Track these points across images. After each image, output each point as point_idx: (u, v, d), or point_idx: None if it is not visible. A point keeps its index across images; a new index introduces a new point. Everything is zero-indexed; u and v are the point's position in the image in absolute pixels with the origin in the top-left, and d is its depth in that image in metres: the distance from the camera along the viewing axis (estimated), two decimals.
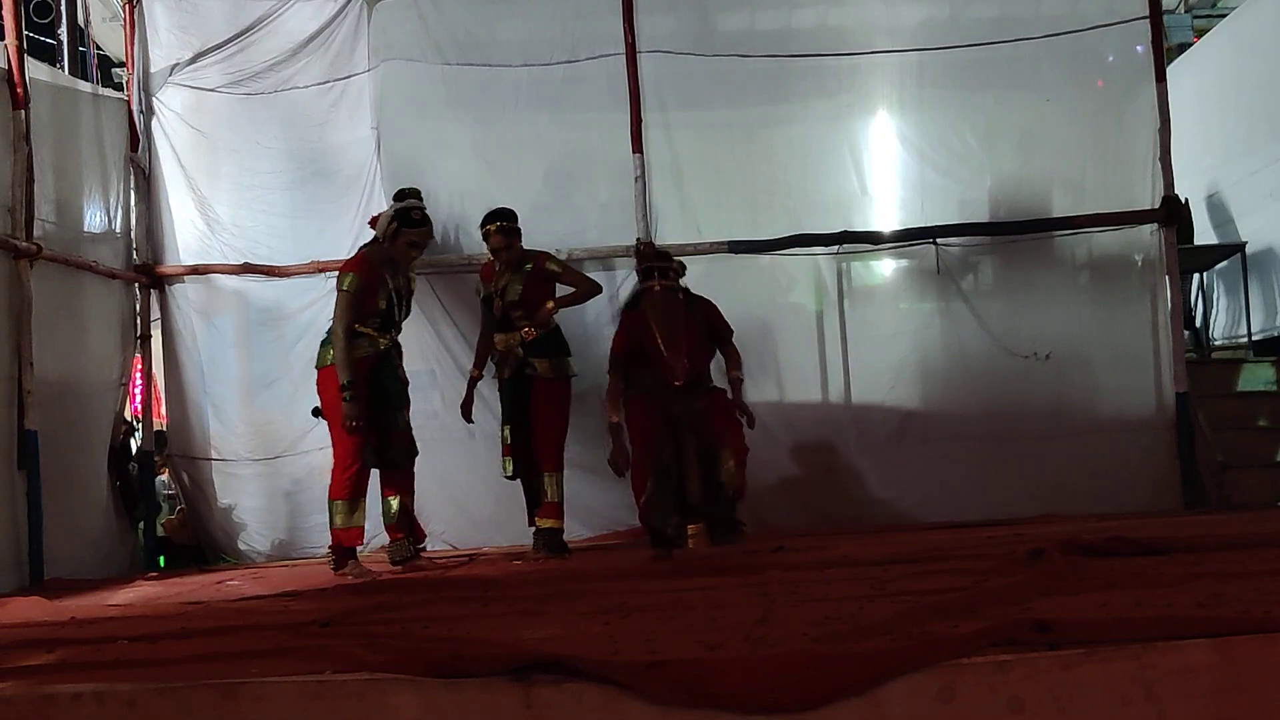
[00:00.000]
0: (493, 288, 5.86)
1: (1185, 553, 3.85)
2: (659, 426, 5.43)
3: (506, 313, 5.81)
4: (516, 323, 5.78)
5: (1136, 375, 6.60)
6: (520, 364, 5.79)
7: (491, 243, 5.84)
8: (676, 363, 5.41)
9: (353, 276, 5.48)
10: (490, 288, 5.89)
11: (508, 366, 5.84)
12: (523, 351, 5.77)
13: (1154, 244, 6.60)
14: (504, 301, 5.80)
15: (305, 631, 3.19)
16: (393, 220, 5.57)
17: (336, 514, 5.48)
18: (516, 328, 5.78)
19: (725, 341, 5.75)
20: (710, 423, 5.46)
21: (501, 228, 5.81)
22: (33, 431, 5.60)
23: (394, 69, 6.90)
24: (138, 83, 6.99)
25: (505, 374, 5.86)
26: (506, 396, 5.87)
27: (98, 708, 2.48)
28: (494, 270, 5.91)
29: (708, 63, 6.80)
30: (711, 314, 5.76)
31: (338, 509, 5.47)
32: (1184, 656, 2.35)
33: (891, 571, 3.89)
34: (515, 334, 5.78)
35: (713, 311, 5.77)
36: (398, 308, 5.64)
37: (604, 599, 3.64)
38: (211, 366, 6.98)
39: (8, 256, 5.62)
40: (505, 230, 5.81)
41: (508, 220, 5.84)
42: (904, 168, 6.91)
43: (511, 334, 5.79)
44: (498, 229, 5.81)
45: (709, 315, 5.74)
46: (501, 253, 5.82)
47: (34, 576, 5.50)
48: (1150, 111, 6.57)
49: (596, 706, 2.36)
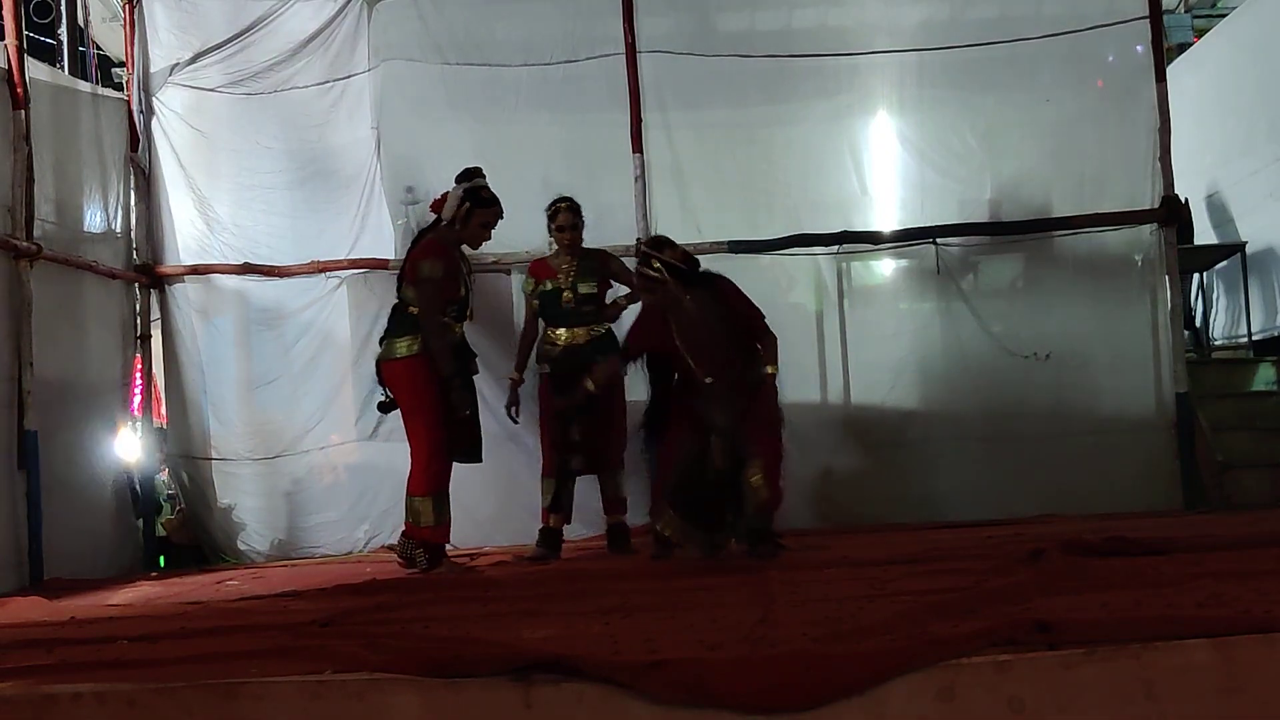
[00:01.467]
0: (564, 281, 5.70)
1: (1185, 553, 3.85)
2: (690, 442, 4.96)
3: (579, 307, 5.67)
4: (585, 317, 5.68)
5: (1136, 375, 6.60)
6: (585, 360, 5.52)
7: (560, 220, 5.74)
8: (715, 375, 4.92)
9: (434, 262, 5.13)
10: (559, 281, 5.71)
11: (570, 362, 5.60)
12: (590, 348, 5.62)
13: (1154, 244, 6.60)
14: (576, 295, 5.67)
15: (305, 631, 3.19)
16: (464, 201, 5.23)
17: (424, 511, 5.14)
18: (585, 322, 5.68)
19: (759, 332, 5.03)
20: (744, 430, 4.89)
21: (571, 205, 5.74)
22: (33, 431, 5.60)
23: (394, 69, 6.90)
24: (138, 83, 6.98)
25: (564, 369, 5.60)
26: (563, 391, 5.52)
27: (98, 708, 2.49)
28: (550, 266, 5.79)
29: (708, 63, 6.80)
30: (737, 303, 5.07)
31: (425, 506, 5.15)
32: (1184, 656, 2.35)
33: (891, 571, 3.89)
34: (584, 329, 5.67)
35: (737, 299, 5.09)
36: (470, 294, 5.39)
37: (604, 599, 3.64)
38: (211, 366, 6.98)
39: (8, 256, 5.61)
40: (574, 209, 5.74)
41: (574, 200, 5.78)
42: (904, 168, 6.91)
43: (579, 329, 5.67)
44: (567, 206, 5.74)
45: (734, 306, 5.06)
46: (567, 232, 5.71)
47: (34, 576, 5.50)
48: (1150, 111, 6.57)
49: (596, 706, 2.36)
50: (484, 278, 6.81)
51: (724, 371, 4.93)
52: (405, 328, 5.19)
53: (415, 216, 6.88)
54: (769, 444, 4.95)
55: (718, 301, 5.02)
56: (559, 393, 5.56)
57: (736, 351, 5.00)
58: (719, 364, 4.95)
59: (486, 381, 6.76)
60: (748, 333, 5.02)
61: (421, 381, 5.14)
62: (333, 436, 6.86)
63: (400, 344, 5.17)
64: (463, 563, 5.51)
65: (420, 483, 5.18)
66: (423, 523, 5.17)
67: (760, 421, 4.93)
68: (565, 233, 5.73)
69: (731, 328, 4.98)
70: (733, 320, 4.99)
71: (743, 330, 5.01)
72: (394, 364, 5.19)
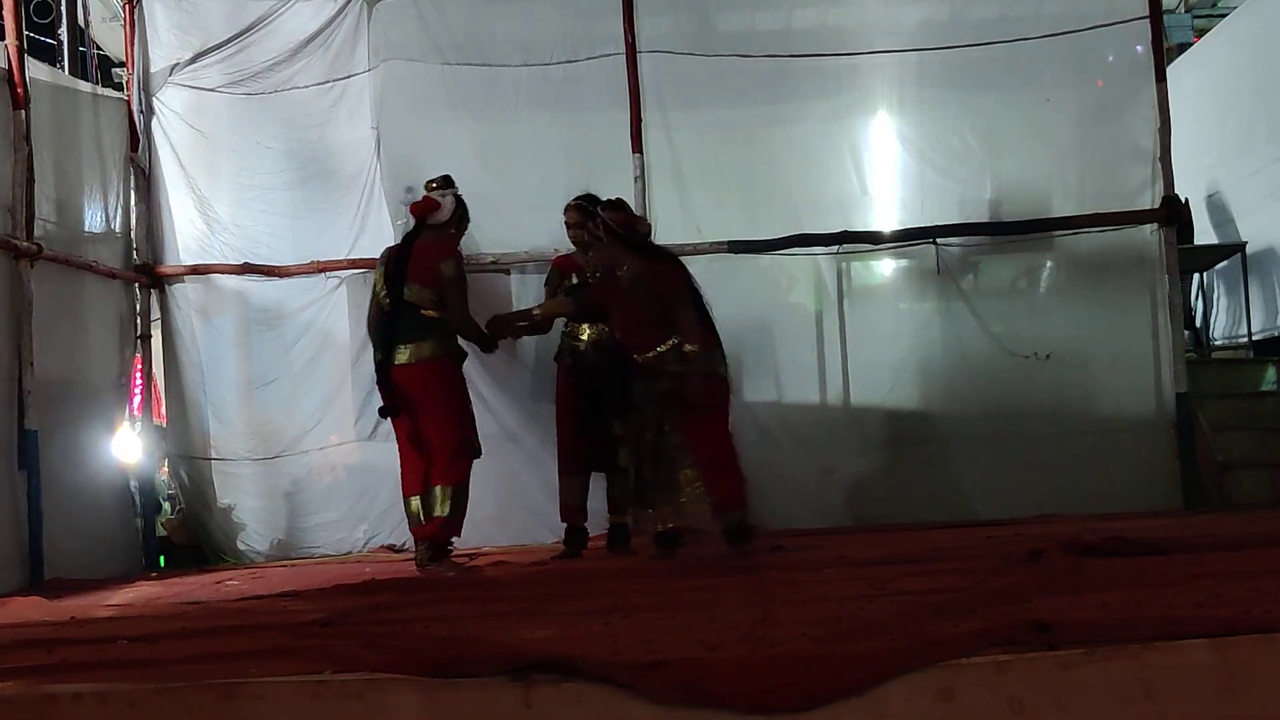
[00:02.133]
0: (591, 278, 5.61)
1: (1185, 553, 3.85)
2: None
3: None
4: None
5: (1136, 375, 6.60)
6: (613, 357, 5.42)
7: (565, 218, 5.78)
8: (631, 347, 5.09)
9: (456, 262, 5.32)
10: (587, 278, 5.64)
11: (598, 358, 5.58)
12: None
13: (1154, 244, 6.60)
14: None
15: (305, 631, 3.19)
16: (457, 204, 5.47)
17: (441, 500, 5.21)
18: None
19: (676, 316, 4.98)
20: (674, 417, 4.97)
21: (579, 204, 5.74)
22: (33, 431, 5.60)
23: (394, 69, 6.89)
24: (138, 83, 6.98)
25: (590, 365, 5.60)
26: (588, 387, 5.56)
27: (98, 708, 2.49)
28: (577, 261, 5.76)
29: (708, 63, 6.80)
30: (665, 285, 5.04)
31: (444, 495, 5.22)
32: (1184, 656, 2.35)
33: (891, 571, 3.89)
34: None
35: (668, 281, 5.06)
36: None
37: (604, 599, 3.64)
38: (211, 366, 6.98)
39: (8, 256, 5.61)
40: (581, 208, 5.72)
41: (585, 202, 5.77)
42: (904, 168, 6.91)
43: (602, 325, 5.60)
44: (575, 205, 5.75)
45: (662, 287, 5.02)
46: (571, 230, 5.74)
47: (34, 576, 5.50)
48: (1150, 111, 6.57)
49: (596, 706, 2.36)
50: (484, 278, 6.81)
51: (639, 345, 5.02)
52: (425, 330, 5.26)
53: None
54: (706, 437, 4.96)
55: (649, 279, 5.04)
56: (584, 388, 5.56)
57: (656, 330, 4.98)
58: (635, 337, 5.05)
59: (485, 382, 6.79)
60: (666, 316, 4.97)
61: (450, 380, 5.32)
62: (332, 437, 6.86)
63: (425, 346, 5.25)
64: (462, 562, 5.51)
65: (448, 474, 5.25)
66: (436, 513, 5.22)
67: (695, 412, 4.92)
68: (570, 230, 5.77)
69: (651, 307, 4.99)
70: (654, 300, 4.99)
71: (661, 313, 4.97)
72: (418, 366, 5.24)
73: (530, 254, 6.80)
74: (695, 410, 4.93)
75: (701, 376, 4.94)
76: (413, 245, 5.38)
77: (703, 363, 4.97)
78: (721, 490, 4.96)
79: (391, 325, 5.28)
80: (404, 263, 5.33)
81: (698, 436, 4.97)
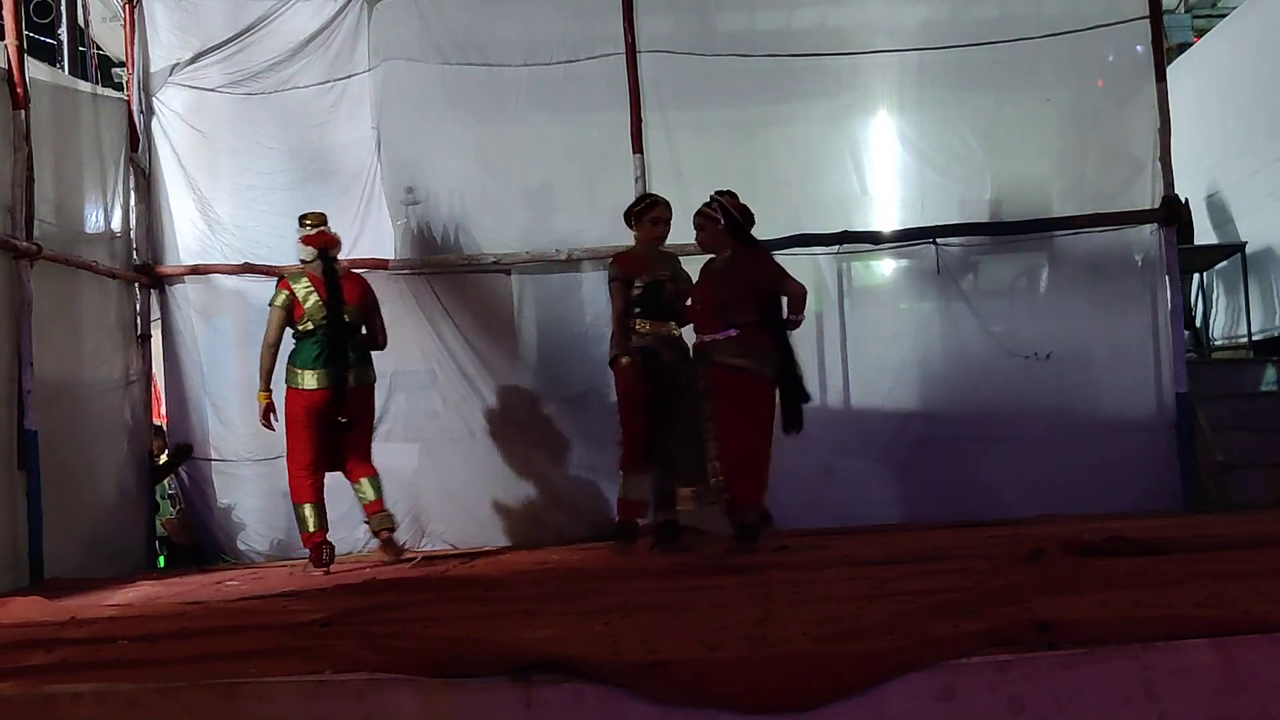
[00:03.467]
0: (665, 273, 5.58)
1: (1185, 553, 3.85)
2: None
3: (679, 300, 5.58)
4: (677, 313, 5.59)
5: (1136, 375, 6.59)
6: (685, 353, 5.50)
7: (657, 212, 5.64)
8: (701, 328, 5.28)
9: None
10: (661, 273, 5.56)
11: (665, 350, 5.52)
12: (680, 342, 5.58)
13: (1154, 244, 6.60)
14: (677, 288, 5.58)
15: (305, 631, 3.19)
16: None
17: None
18: (676, 318, 5.59)
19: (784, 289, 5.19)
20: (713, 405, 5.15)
21: (667, 202, 5.68)
22: (33, 431, 5.60)
23: (394, 69, 6.89)
24: (138, 83, 6.98)
25: (659, 360, 5.49)
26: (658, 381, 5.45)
27: (98, 708, 2.49)
28: (641, 259, 5.62)
29: (708, 63, 6.80)
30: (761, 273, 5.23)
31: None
32: (1184, 656, 2.35)
33: (891, 571, 3.89)
34: (675, 324, 5.60)
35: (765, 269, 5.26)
36: None
37: (604, 599, 3.64)
38: (211, 366, 6.98)
39: (8, 256, 5.61)
40: (669, 205, 5.68)
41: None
42: (904, 168, 6.91)
43: (675, 322, 5.59)
44: (667, 202, 5.68)
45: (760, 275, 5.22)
46: (662, 226, 5.63)
47: (34, 576, 5.50)
48: (1150, 111, 6.57)
49: (596, 706, 2.36)
50: (484, 278, 6.83)
51: (705, 327, 5.19)
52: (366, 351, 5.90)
53: (415, 216, 6.88)
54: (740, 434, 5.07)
55: (746, 268, 5.19)
56: (654, 384, 5.42)
57: (722, 316, 5.13)
58: (704, 318, 5.22)
59: (485, 382, 6.79)
60: (758, 302, 5.11)
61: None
62: None
63: (371, 369, 5.91)
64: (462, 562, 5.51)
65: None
66: (306, 529, 5.84)
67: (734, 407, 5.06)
68: (660, 226, 5.63)
69: (740, 296, 5.10)
70: (747, 287, 5.12)
71: (753, 300, 5.10)
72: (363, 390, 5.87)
73: (530, 254, 6.80)
74: (734, 405, 5.05)
75: (749, 374, 5.06)
76: (334, 272, 5.83)
77: (754, 361, 5.06)
78: (738, 490, 5.08)
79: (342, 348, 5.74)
80: (341, 287, 5.78)
81: (731, 431, 5.08)
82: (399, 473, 6.70)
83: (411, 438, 6.84)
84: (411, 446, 6.84)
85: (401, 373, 6.85)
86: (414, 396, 6.87)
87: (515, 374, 6.86)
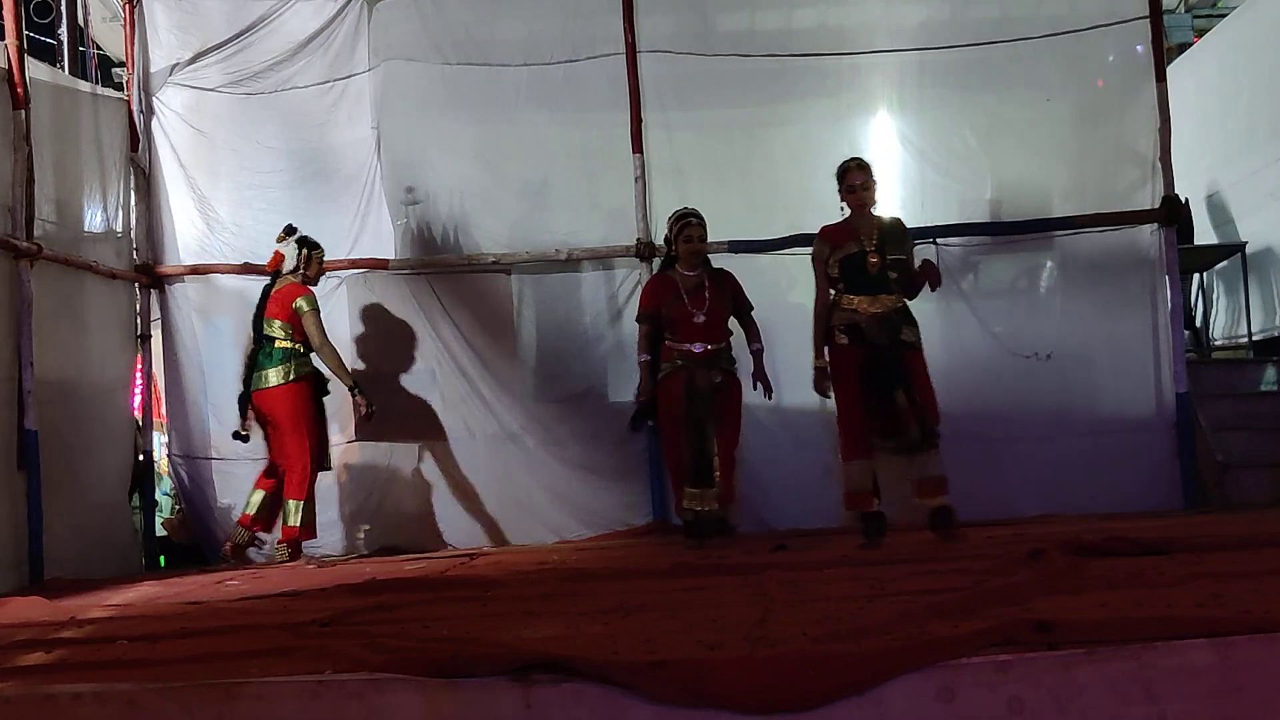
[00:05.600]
0: (870, 244, 5.27)
1: (1185, 553, 3.85)
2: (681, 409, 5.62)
3: (885, 272, 5.26)
4: (890, 285, 5.29)
5: (1136, 375, 6.59)
6: (895, 327, 5.23)
7: (850, 179, 5.38)
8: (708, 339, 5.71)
9: (312, 298, 6.24)
10: (866, 244, 5.28)
11: (875, 328, 5.21)
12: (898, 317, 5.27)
13: (1154, 244, 6.60)
14: (884, 261, 5.25)
15: (305, 631, 3.19)
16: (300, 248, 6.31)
17: (294, 511, 6.09)
18: (890, 290, 5.29)
19: (745, 313, 5.91)
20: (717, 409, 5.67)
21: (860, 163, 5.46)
22: (33, 431, 5.60)
23: (394, 69, 6.90)
24: (138, 83, 6.98)
25: (870, 339, 5.22)
26: (873, 363, 5.22)
27: (98, 708, 2.48)
28: (848, 229, 5.37)
29: (708, 63, 6.80)
30: (735, 285, 5.92)
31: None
32: (1184, 656, 2.35)
33: (891, 571, 3.89)
34: (891, 297, 5.27)
35: (736, 283, 5.93)
36: None
37: (604, 599, 3.64)
38: (211, 366, 6.98)
39: (8, 256, 5.61)
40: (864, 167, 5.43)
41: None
42: (904, 168, 6.90)
43: (886, 296, 5.26)
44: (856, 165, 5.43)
45: (734, 286, 5.91)
46: (859, 192, 5.34)
47: (34, 576, 5.50)
48: (1150, 111, 6.57)
49: (596, 706, 2.36)
50: (483, 278, 6.82)
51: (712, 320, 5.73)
52: (277, 359, 6.16)
53: (415, 216, 6.88)
54: (730, 439, 5.73)
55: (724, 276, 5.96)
56: (863, 364, 5.20)
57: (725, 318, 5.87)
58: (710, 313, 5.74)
59: (485, 382, 6.79)
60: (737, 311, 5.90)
61: (302, 403, 6.15)
62: (334, 436, 6.86)
63: (273, 373, 6.15)
64: (462, 562, 5.51)
65: (296, 489, 6.11)
66: (290, 522, 6.11)
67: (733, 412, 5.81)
68: (856, 194, 5.34)
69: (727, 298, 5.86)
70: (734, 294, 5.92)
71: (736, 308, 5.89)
72: (271, 391, 6.14)
73: (530, 254, 6.80)
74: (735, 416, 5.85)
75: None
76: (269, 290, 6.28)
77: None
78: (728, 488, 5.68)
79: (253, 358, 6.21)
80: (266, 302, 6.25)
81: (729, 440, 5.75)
82: (399, 473, 6.70)
83: (411, 438, 6.84)
84: (411, 447, 6.84)
85: (401, 373, 6.86)
86: (414, 396, 6.87)
87: (515, 374, 6.86)
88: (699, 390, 5.63)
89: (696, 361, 5.71)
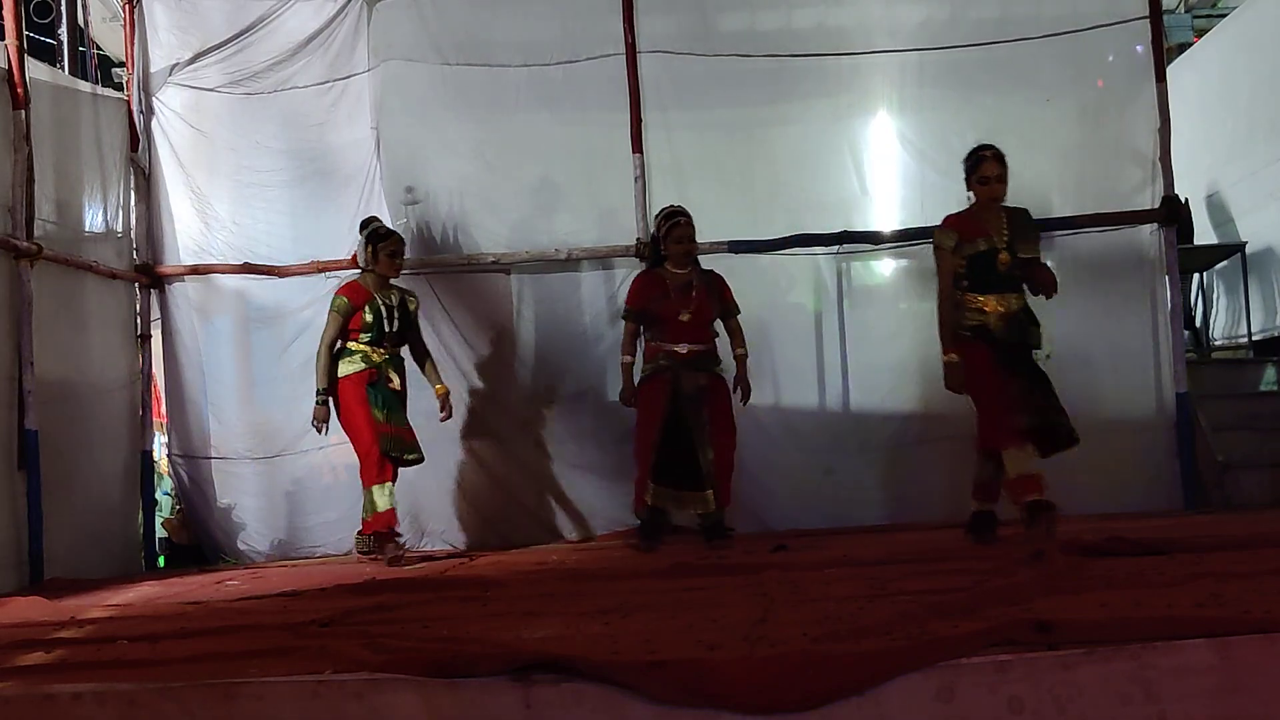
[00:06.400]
0: (1001, 241, 5.07)
1: (1185, 553, 3.86)
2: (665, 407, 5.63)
3: (1014, 271, 5.09)
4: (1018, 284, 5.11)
5: (1136, 375, 6.59)
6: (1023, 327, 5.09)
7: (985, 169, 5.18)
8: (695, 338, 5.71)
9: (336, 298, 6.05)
10: (997, 240, 5.08)
11: (1004, 330, 5.07)
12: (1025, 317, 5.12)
13: (1154, 244, 6.60)
14: (1014, 259, 5.07)
15: (305, 631, 3.19)
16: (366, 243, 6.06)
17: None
18: (1019, 289, 5.11)
19: (731, 316, 5.91)
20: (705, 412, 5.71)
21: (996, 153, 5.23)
22: (33, 431, 5.60)
23: (394, 69, 6.89)
24: (138, 83, 6.98)
25: (1012, 337, 5.08)
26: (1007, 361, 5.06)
27: (98, 708, 2.49)
28: (977, 222, 5.14)
29: (708, 63, 6.79)
30: (724, 288, 5.93)
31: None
32: (1184, 656, 2.35)
33: (891, 571, 3.90)
34: (1017, 296, 5.10)
35: (725, 286, 5.94)
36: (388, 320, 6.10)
37: (604, 599, 3.64)
38: (211, 366, 6.98)
39: (8, 256, 5.61)
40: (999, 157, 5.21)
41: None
42: (904, 168, 6.90)
43: (1012, 295, 5.09)
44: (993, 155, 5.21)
45: (722, 288, 5.92)
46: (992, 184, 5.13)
47: (34, 576, 5.50)
48: (1150, 111, 6.57)
49: (596, 706, 2.36)
50: (483, 278, 6.82)
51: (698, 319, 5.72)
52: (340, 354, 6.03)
53: (415, 216, 6.88)
54: (726, 443, 5.74)
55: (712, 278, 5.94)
56: (998, 362, 5.02)
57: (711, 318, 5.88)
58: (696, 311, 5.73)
59: (484, 381, 6.79)
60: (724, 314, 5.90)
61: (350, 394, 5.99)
62: (333, 436, 6.84)
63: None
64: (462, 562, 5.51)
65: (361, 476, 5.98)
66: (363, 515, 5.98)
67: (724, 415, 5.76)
68: (989, 185, 5.12)
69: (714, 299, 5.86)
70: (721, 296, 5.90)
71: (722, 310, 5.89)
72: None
73: (530, 253, 6.80)
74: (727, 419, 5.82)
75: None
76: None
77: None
78: (722, 492, 5.68)
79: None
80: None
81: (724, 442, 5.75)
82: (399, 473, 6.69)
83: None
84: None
85: None
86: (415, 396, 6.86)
87: (515, 373, 6.86)
88: (685, 394, 5.64)
89: (681, 363, 5.71)
